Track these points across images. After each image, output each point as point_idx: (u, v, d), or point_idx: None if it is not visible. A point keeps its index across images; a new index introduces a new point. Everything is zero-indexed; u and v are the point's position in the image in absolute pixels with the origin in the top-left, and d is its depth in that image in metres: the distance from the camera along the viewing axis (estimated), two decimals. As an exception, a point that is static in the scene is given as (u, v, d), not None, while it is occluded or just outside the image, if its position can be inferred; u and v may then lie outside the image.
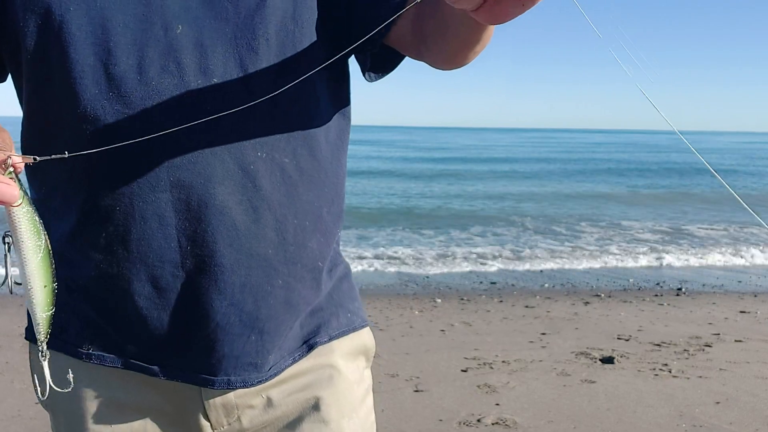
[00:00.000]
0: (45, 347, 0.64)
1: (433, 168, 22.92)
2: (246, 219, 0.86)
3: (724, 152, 41.60)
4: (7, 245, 0.63)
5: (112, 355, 0.92)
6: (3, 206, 0.61)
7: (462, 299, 5.94)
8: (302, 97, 0.90)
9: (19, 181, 0.58)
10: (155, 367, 0.92)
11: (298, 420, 0.96)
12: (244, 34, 0.87)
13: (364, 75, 1.01)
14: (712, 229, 10.85)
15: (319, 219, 0.94)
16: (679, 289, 6.57)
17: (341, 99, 0.99)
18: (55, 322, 0.87)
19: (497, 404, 3.51)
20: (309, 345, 0.98)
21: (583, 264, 7.92)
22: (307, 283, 0.94)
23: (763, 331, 4.99)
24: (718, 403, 3.57)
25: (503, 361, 4.19)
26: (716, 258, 8.37)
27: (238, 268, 0.87)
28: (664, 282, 6.96)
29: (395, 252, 8.33)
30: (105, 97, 0.84)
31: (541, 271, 7.51)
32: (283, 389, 0.96)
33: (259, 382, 0.93)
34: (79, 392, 0.94)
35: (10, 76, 0.94)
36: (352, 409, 1.01)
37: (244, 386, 0.92)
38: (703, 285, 6.85)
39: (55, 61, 0.85)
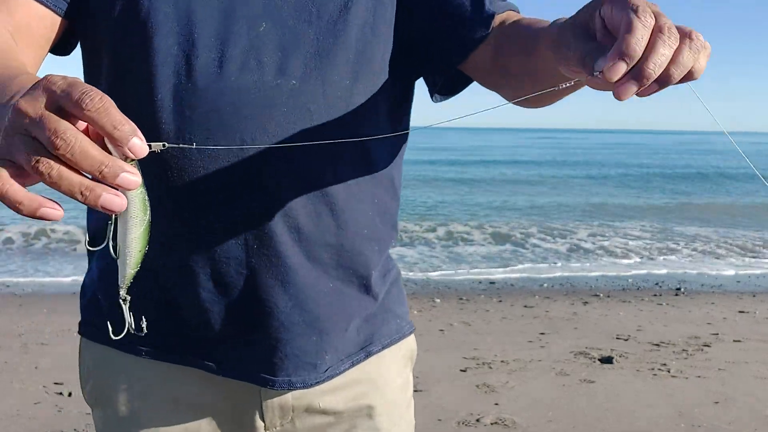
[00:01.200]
0: (125, 294, 0.68)
1: (436, 168, 22.94)
2: (309, 222, 0.88)
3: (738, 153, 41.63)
4: (126, 304, 0.67)
5: (171, 353, 0.93)
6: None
7: (461, 299, 5.95)
8: (367, 110, 0.91)
9: (138, 165, 0.58)
10: (213, 364, 0.92)
11: (350, 428, 0.98)
12: (326, 39, 0.87)
13: (431, 96, 1.02)
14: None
15: (376, 228, 0.96)
16: (678, 289, 6.58)
17: (401, 113, 1.00)
18: (115, 319, 0.87)
19: (496, 404, 3.51)
20: (366, 352, 0.99)
21: (582, 264, 7.92)
22: (355, 288, 0.95)
23: (761, 331, 4.99)
24: (716, 403, 3.57)
25: (502, 361, 4.20)
26: (714, 259, 8.38)
27: (300, 269, 0.88)
28: (662, 282, 6.96)
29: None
30: (183, 88, 0.83)
31: (540, 270, 7.52)
32: (337, 395, 0.97)
33: (317, 383, 0.94)
34: (134, 388, 0.94)
35: (81, 54, 0.93)
36: (400, 416, 1.04)
37: (303, 387, 0.92)
38: (702, 285, 6.86)
39: (137, 46, 0.84)
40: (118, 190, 0.55)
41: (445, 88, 1.00)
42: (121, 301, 0.68)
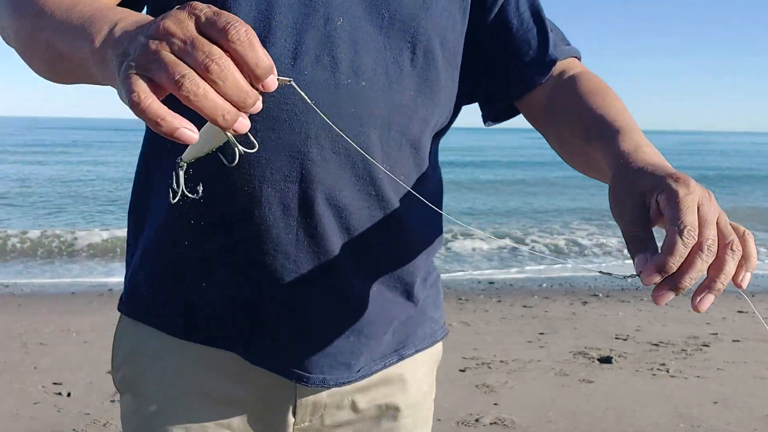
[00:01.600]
0: (183, 162, 0.68)
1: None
2: (362, 224, 0.88)
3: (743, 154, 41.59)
4: (182, 169, 0.66)
5: (206, 333, 0.91)
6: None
7: (460, 299, 5.95)
8: (425, 122, 0.91)
9: None
10: (246, 350, 0.91)
11: (374, 426, 0.99)
12: (395, 46, 0.87)
13: (484, 122, 1.05)
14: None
15: (425, 234, 0.96)
16: (677, 289, 6.58)
17: (445, 130, 1.01)
18: (157, 300, 0.91)
19: (495, 404, 3.51)
20: (399, 355, 0.99)
21: (582, 264, 7.92)
22: (399, 293, 0.95)
23: (760, 331, 4.99)
24: (715, 402, 3.58)
25: (501, 361, 4.20)
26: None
27: (347, 269, 0.88)
28: (662, 282, 6.96)
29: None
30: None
31: (539, 270, 7.52)
32: (368, 395, 0.97)
33: (350, 382, 0.94)
34: (165, 379, 0.93)
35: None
36: (424, 419, 1.05)
37: (336, 385, 0.92)
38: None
39: None
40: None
41: (498, 116, 1.04)
42: (177, 166, 0.68)
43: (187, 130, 0.55)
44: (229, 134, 0.61)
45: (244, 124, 0.57)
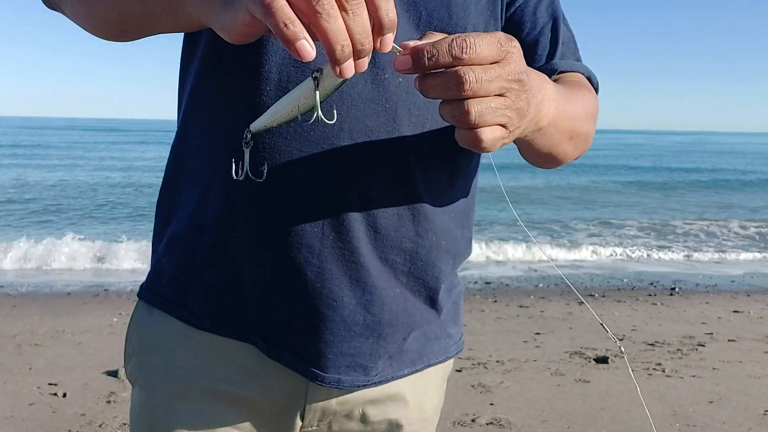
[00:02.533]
0: (250, 138, 0.70)
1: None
2: (389, 224, 0.86)
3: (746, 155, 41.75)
4: (315, 81, 0.66)
5: (224, 325, 0.90)
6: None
7: (456, 299, 5.95)
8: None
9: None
10: (263, 342, 0.89)
11: None
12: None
13: None
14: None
15: (454, 240, 0.94)
16: (673, 288, 6.59)
17: None
18: (179, 286, 0.91)
19: (491, 404, 3.51)
20: (414, 367, 0.97)
21: (577, 263, 7.94)
22: (422, 298, 0.93)
23: (756, 331, 5.01)
24: (711, 402, 3.58)
25: (497, 361, 4.20)
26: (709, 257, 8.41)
27: (371, 268, 0.86)
28: (657, 282, 6.98)
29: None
30: (292, 65, 0.82)
31: (536, 270, 7.53)
32: (378, 407, 0.96)
33: (365, 386, 0.92)
34: (179, 372, 0.91)
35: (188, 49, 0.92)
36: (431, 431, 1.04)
37: (351, 387, 0.91)
38: (697, 285, 6.88)
39: (249, 59, 0.82)
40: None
41: None
42: (244, 142, 0.69)
43: (308, 44, 0.56)
44: (317, 97, 0.64)
45: (352, 67, 0.58)
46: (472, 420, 3.31)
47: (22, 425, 3.19)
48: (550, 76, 0.90)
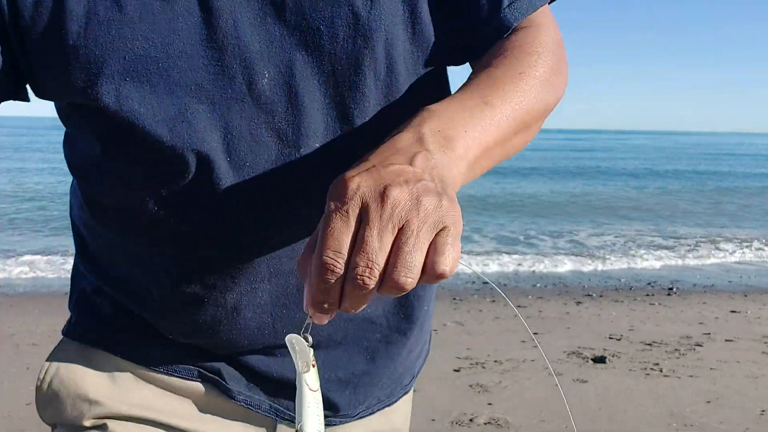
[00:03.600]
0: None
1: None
2: None
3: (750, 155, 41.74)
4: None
5: (181, 364, 0.81)
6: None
7: (454, 299, 5.95)
8: None
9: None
10: (227, 384, 0.81)
11: None
12: (346, 72, 0.69)
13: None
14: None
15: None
16: (671, 288, 6.60)
17: None
18: (119, 327, 0.80)
19: (489, 404, 3.52)
20: (388, 401, 0.91)
21: (575, 264, 7.95)
22: (401, 343, 0.87)
23: (753, 331, 5.02)
24: (708, 402, 3.59)
25: (495, 361, 4.20)
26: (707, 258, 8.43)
27: (336, 344, 0.80)
28: (655, 282, 6.99)
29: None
30: (193, 182, 0.69)
31: (534, 271, 7.54)
32: None
33: (342, 423, 0.86)
34: (123, 407, 0.80)
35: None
36: None
37: (329, 424, 0.83)
38: (694, 285, 6.89)
39: (119, 139, 0.68)
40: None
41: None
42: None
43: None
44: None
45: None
46: (470, 420, 3.31)
47: (19, 425, 3.18)
48: (500, 37, 0.73)
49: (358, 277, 0.51)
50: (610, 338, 4.76)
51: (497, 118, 0.65)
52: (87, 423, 0.79)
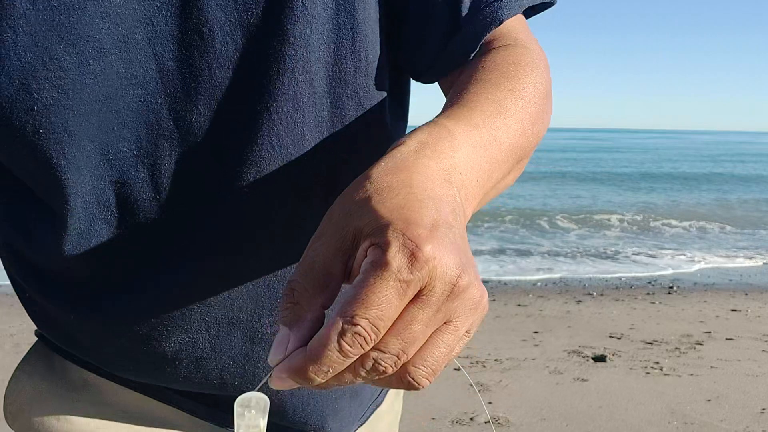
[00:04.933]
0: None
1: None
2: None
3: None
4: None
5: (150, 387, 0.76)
6: None
7: (455, 298, 5.95)
8: (378, 146, 0.67)
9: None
10: (207, 410, 0.76)
11: None
12: (282, 105, 0.63)
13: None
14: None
15: None
16: (671, 287, 6.60)
17: (404, 119, 0.78)
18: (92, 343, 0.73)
19: (490, 402, 3.52)
20: (366, 416, 0.86)
21: (576, 263, 7.95)
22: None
23: (753, 329, 5.02)
24: (708, 400, 3.59)
25: (496, 360, 4.20)
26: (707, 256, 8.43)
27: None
28: (655, 280, 6.99)
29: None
30: (119, 224, 0.65)
31: (534, 269, 7.54)
32: None
33: None
34: (96, 421, 0.75)
35: None
36: None
37: None
38: (695, 283, 6.89)
39: (42, 183, 0.63)
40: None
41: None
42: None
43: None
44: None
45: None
46: (471, 419, 3.31)
47: (20, 424, 3.19)
48: (473, 52, 0.65)
49: (383, 361, 0.41)
50: (610, 337, 4.76)
51: (502, 158, 0.56)
52: None
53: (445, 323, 0.43)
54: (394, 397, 0.92)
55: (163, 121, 0.62)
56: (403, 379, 0.43)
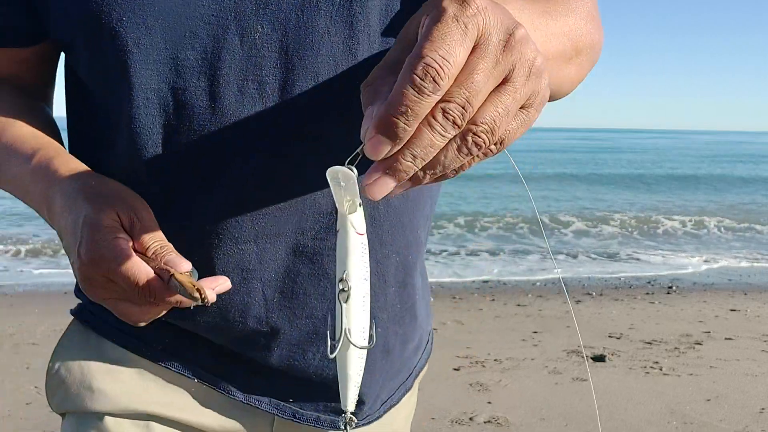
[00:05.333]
0: (353, 418, 0.57)
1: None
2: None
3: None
4: (344, 293, 0.52)
5: (178, 359, 0.80)
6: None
7: (454, 298, 5.95)
8: None
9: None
10: (231, 386, 0.80)
11: None
12: (340, 30, 0.68)
13: None
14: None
15: (420, 246, 0.82)
16: (670, 287, 6.60)
17: None
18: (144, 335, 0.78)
19: (489, 402, 3.52)
20: (392, 403, 0.88)
21: (575, 263, 7.95)
22: (406, 321, 0.84)
23: (752, 329, 5.02)
24: (708, 400, 3.59)
25: (495, 360, 4.21)
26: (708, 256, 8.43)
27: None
28: (655, 280, 6.99)
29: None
30: (175, 130, 0.69)
31: (533, 269, 7.54)
32: None
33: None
34: (124, 399, 0.80)
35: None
36: None
37: (331, 428, 0.82)
38: (694, 283, 6.89)
39: (112, 80, 0.69)
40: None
41: None
42: (343, 427, 0.57)
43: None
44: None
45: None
46: (470, 418, 3.31)
47: (19, 424, 3.19)
48: None
49: (451, 111, 0.44)
50: (610, 337, 4.77)
51: (555, 30, 0.66)
52: (91, 415, 0.80)
53: (503, 82, 0.46)
54: (410, 394, 0.94)
55: (229, 36, 0.67)
56: (466, 141, 0.45)
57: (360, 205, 0.51)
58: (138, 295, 0.60)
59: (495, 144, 0.47)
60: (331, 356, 0.53)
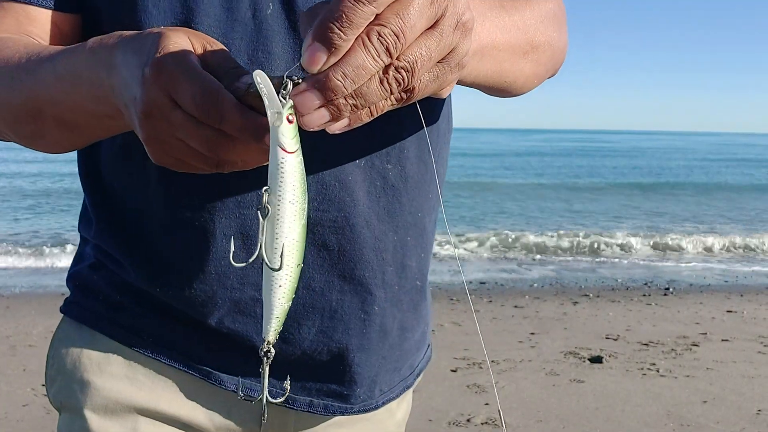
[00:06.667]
0: (272, 349, 0.55)
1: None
2: (340, 239, 0.75)
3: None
4: (264, 209, 0.50)
5: (172, 350, 0.81)
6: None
7: (451, 299, 5.95)
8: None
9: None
10: (230, 380, 0.80)
11: None
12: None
13: None
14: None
15: (422, 232, 0.83)
16: (667, 288, 6.61)
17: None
18: (112, 305, 0.80)
19: (486, 404, 3.52)
20: (405, 386, 0.89)
21: (572, 264, 7.96)
22: (404, 306, 0.84)
23: (749, 331, 5.03)
24: (704, 402, 3.60)
25: (492, 361, 4.21)
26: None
27: (329, 292, 0.77)
28: (651, 282, 7.00)
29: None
30: None
31: (530, 270, 7.54)
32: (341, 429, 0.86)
33: (342, 413, 0.83)
34: (113, 393, 0.81)
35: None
36: None
37: (326, 413, 0.82)
38: (691, 285, 6.90)
39: None
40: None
41: None
42: (262, 356, 0.57)
43: None
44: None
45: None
46: (468, 420, 3.31)
47: (16, 426, 3.18)
48: None
49: (386, 35, 0.46)
50: (606, 338, 4.77)
51: (507, 23, 0.68)
52: (83, 410, 0.81)
53: (431, 27, 0.48)
54: (407, 396, 0.94)
55: (242, 10, 0.70)
56: (388, 74, 0.47)
57: (290, 121, 0.49)
58: (203, 113, 0.52)
59: (407, 90, 0.49)
60: (234, 263, 0.55)
